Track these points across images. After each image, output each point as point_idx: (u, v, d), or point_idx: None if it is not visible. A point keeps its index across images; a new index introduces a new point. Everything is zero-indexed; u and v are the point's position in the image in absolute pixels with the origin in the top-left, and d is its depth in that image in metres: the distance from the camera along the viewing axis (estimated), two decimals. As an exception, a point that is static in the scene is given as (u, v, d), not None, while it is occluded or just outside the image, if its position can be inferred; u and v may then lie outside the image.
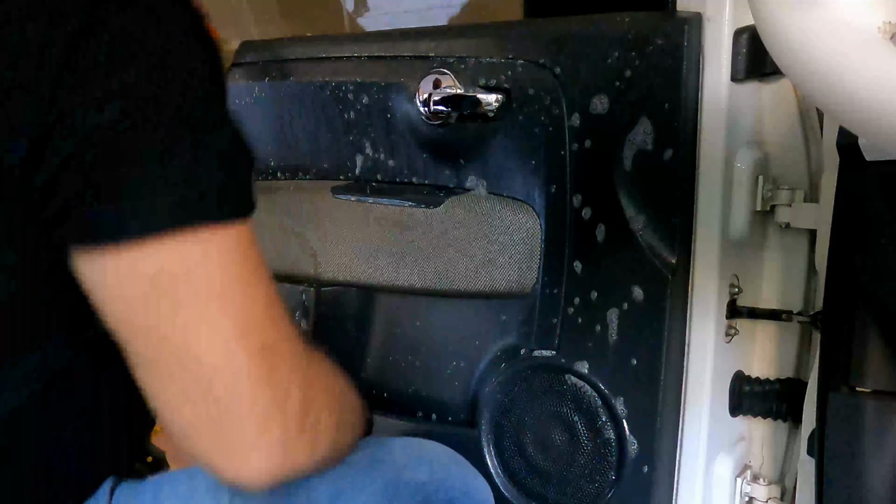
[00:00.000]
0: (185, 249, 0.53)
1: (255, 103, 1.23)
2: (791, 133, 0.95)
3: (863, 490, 0.72)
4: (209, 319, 0.54)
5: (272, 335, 0.57)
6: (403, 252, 1.08)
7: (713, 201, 0.89)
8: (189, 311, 0.53)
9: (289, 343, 0.59)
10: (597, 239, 0.93)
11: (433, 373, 1.11)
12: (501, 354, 1.04)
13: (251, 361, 0.54)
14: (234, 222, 0.55)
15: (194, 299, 0.53)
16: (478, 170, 1.03)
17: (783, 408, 0.96)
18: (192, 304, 0.53)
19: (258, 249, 0.57)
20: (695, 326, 0.91)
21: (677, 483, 0.94)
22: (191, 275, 0.53)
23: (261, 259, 0.58)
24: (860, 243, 0.72)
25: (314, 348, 0.66)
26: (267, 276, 0.58)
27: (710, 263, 0.90)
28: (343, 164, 1.16)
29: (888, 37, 0.47)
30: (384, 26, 1.83)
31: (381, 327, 1.16)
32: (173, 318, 0.53)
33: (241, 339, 0.54)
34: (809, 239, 0.96)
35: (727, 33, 0.86)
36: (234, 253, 0.55)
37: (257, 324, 0.56)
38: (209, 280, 0.54)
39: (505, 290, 1.01)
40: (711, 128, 0.87)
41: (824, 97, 0.52)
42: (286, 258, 1.21)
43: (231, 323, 0.54)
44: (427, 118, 1.01)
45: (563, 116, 0.93)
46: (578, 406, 0.96)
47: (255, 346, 0.55)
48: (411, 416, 1.11)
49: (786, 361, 1.00)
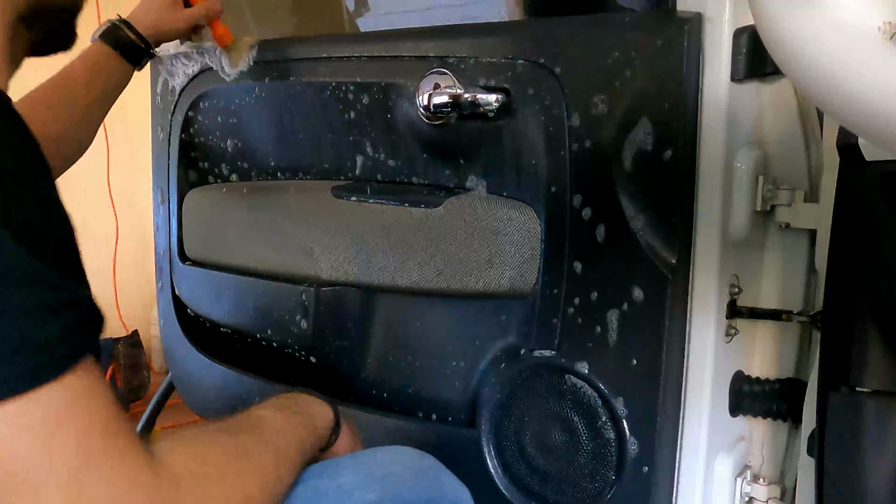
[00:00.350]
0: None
1: (255, 103, 1.23)
2: (791, 133, 0.95)
3: (863, 490, 0.72)
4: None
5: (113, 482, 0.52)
6: (403, 252, 1.08)
7: (713, 201, 0.89)
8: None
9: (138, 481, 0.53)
10: (597, 239, 0.93)
11: (433, 373, 1.11)
12: (501, 354, 1.04)
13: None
14: (47, 384, 0.49)
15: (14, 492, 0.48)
16: (478, 170, 1.03)
17: (783, 408, 0.96)
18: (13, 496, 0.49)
19: (95, 399, 0.52)
20: (695, 326, 0.91)
21: (677, 483, 0.94)
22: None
23: (100, 403, 0.52)
24: (860, 243, 0.72)
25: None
26: (105, 419, 0.53)
27: (710, 263, 0.90)
28: (343, 165, 1.16)
29: (888, 37, 0.47)
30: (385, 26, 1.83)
31: (381, 327, 1.16)
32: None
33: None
34: (809, 239, 0.96)
35: (727, 33, 0.86)
36: (48, 427, 0.49)
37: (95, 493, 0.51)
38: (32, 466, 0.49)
39: (505, 291, 1.01)
40: (711, 128, 0.87)
41: (824, 97, 0.52)
42: (286, 258, 1.21)
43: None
44: (427, 118, 1.01)
45: (563, 116, 0.93)
46: (578, 406, 0.96)
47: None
48: (411, 416, 1.11)
49: (786, 361, 1.00)
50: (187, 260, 1.40)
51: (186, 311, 1.42)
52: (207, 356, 1.37)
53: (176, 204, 1.39)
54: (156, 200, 1.45)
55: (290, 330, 1.24)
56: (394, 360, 1.16)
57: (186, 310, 1.42)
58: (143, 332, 2.82)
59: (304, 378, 1.24)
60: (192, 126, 1.33)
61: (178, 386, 1.49)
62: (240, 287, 1.31)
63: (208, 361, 1.36)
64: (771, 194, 0.93)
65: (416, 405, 1.12)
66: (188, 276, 1.40)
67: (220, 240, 1.33)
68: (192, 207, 1.38)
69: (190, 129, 1.33)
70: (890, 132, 0.49)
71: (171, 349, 1.46)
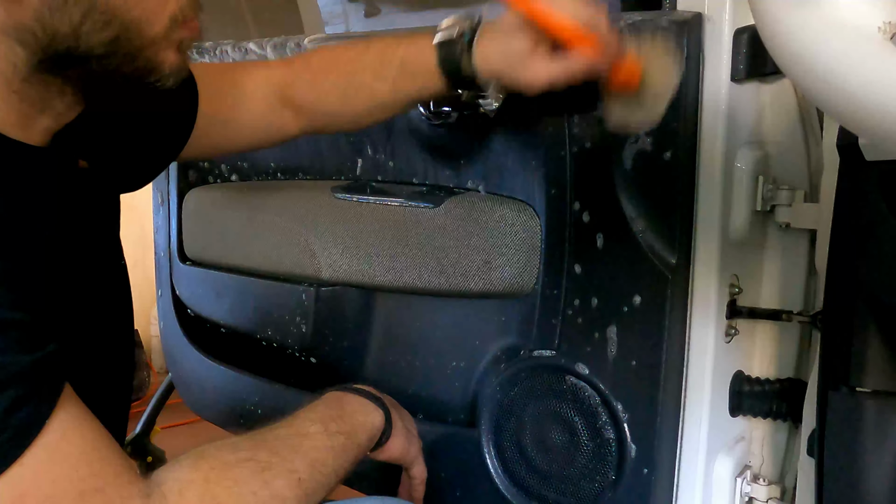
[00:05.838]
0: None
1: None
2: (791, 133, 0.95)
3: (863, 490, 0.72)
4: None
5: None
6: (403, 252, 1.08)
7: (713, 201, 0.89)
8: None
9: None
10: (597, 239, 0.93)
11: (433, 373, 1.11)
12: (501, 354, 1.04)
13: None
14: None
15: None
16: (478, 170, 1.03)
17: (783, 408, 0.96)
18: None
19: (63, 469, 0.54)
20: (695, 326, 0.91)
21: (677, 483, 0.94)
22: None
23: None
24: (860, 243, 0.72)
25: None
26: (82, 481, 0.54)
27: (710, 263, 0.90)
28: (343, 164, 1.16)
29: (888, 37, 0.47)
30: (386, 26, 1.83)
31: (381, 327, 1.16)
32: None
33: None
34: (809, 239, 0.96)
35: (727, 33, 0.86)
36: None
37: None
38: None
39: (505, 291, 1.01)
40: (711, 128, 0.87)
41: (824, 97, 0.51)
42: (286, 258, 1.21)
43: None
44: (427, 118, 1.01)
45: (563, 116, 0.93)
46: (578, 406, 0.96)
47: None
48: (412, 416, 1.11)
49: (786, 361, 1.00)
50: (187, 260, 1.40)
51: (186, 311, 1.42)
52: (207, 356, 1.37)
53: (176, 204, 1.40)
54: (155, 201, 1.45)
55: (290, 330, 1.24)
56: (394, 361, 1.16)
57: (186, 310, 1.42)
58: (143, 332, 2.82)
59: (304, 378, 1.24)
60: (192, 126, 1.33)
61: (178, 386, 1.49)
62: (240, 287, 1.31)
63: (208, 361, 1.37)
64: (771, 194, 0.93)
65: (417, 405, 1.11)
66: (188, 277, 1.40)
67: (220, 240, 1.33)
68: (191, 208, 1.38)
69: (190, 130, 1.33)
70: (890, 132, 0.49)
71: (171, 349, 1.46)
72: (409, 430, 0.85)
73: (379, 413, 0.80)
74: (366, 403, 0.79)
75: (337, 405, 0.77)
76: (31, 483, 0.52)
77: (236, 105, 0.90)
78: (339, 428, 0.73)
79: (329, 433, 0.71)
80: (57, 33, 0.56)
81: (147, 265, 1.84)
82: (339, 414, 0.75)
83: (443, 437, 1.07)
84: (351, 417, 0.76)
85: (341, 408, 0.77)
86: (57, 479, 0.53)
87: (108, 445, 0.58)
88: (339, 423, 0.74)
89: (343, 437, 0.73)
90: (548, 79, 0.75)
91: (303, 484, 0.65)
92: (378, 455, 0.82)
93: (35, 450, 0.53)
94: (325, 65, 0.89)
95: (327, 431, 0.71)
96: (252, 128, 0.92)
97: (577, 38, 0.72)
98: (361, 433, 0.76)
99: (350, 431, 0.75)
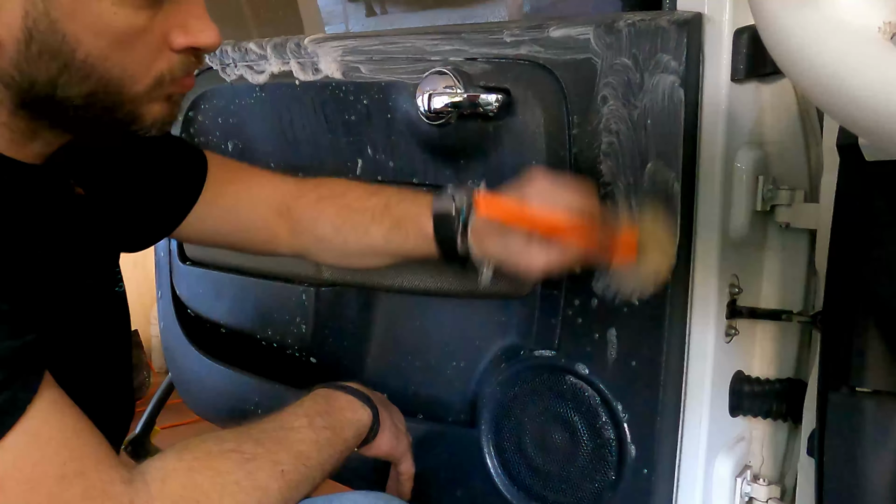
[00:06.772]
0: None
1: (255, 103, 1.23)
2: (791, 133, 0.95)
3: (863, 490, 0.72)
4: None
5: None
6: (403, 252, 1.07)
7: (713, 201, 0.89)
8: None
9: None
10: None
11: (433, 373, 1.11)
12: (501, 354, 1.04)
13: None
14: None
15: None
16: (478, 170, 1.03)
17: (783, 408, 0.96)
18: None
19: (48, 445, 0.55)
20: (695, 326, 0.91)
21: (677, 483, 0.94)
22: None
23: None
24: (860, 243, 0.72)
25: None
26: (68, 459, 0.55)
27: (710, 263, 0.90)
28: (343, 165, 1.16)
29: (888, 37, 0.47)
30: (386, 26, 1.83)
31: (381, 328, 1.16)
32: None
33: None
34: (809, 239, 0.96)
35: (727, 33, 0.86)
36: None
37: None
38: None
39: (505, 291, 1.01)
40: (711, 128, 0.87)
41: (824, 97, 0.51)
42: (286, 258, 1.21)
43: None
44: (427, 118, 1.01)
45: (564, 116, 0.93)
46: (578, 406, 0.96)
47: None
48: (411, 416, 1.11)
49: (786, 361, 1.00)
50: (187, 260, 1.40)
51: (186, 311, 1.42)
52: (207, 356, 1.37)
53: (176, 204, 1.40)
54: (156, 201, 1.45)
55: (290, 330, 1.24)
56: (394, 360, 1.16)
57: (186, 310, 1.42)
58: (143, 332, 2.82)
59: (304, 378, 1.24)
60: (192, 126, 1.32)
61: (178, 386, 1.49)
62: (240, 287, 1.31)
63: (208, 361, 1.36)
64: (771, 194, 0.93)
65: (417, 405, 1.12)
66: (188, 277, 1.40)
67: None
68: (192, 207, 1.38)
69: (190, 129, 1.33)
70: (890, 132, 0.49)
71: (171, 349, 1.46)
72: (397, 427, 0.86)
73: (366, 410, 0.80)
74: (353, 401, 0.80)
75: (324, 401, 0.77)
76: (11, 466, 0.53)
77: (239, 199, 0.92)
78: (325, 423, 0.74)
79: (315, 428, 0.72)
80: (35, 82, 0.57)
81: (147, 265, 1.84)
82: (326, 409, 0.76)
83: (443, 437, 1.07)
84: (338, 413, 0.77)
85: (328, 404, 0.77)
86: (38, 463, 0.54)
87: (89, 432, 0.58)
88: (326, 418, 0.74)
89: (329, 433, 0.73)
90: (545, 266, 0.78)
91: (286, 476, 0.66)
92: (366, 451, 0.83)
93: (16, 434, 0.53)
94: (332, 193, 0.91)
95: (313, 426, 0.72)
96: (247, 227, 0.92)
97: (566, 231, 0.73)
98: (348, 429, 0.77)
99: (336, 427, 0.75)
